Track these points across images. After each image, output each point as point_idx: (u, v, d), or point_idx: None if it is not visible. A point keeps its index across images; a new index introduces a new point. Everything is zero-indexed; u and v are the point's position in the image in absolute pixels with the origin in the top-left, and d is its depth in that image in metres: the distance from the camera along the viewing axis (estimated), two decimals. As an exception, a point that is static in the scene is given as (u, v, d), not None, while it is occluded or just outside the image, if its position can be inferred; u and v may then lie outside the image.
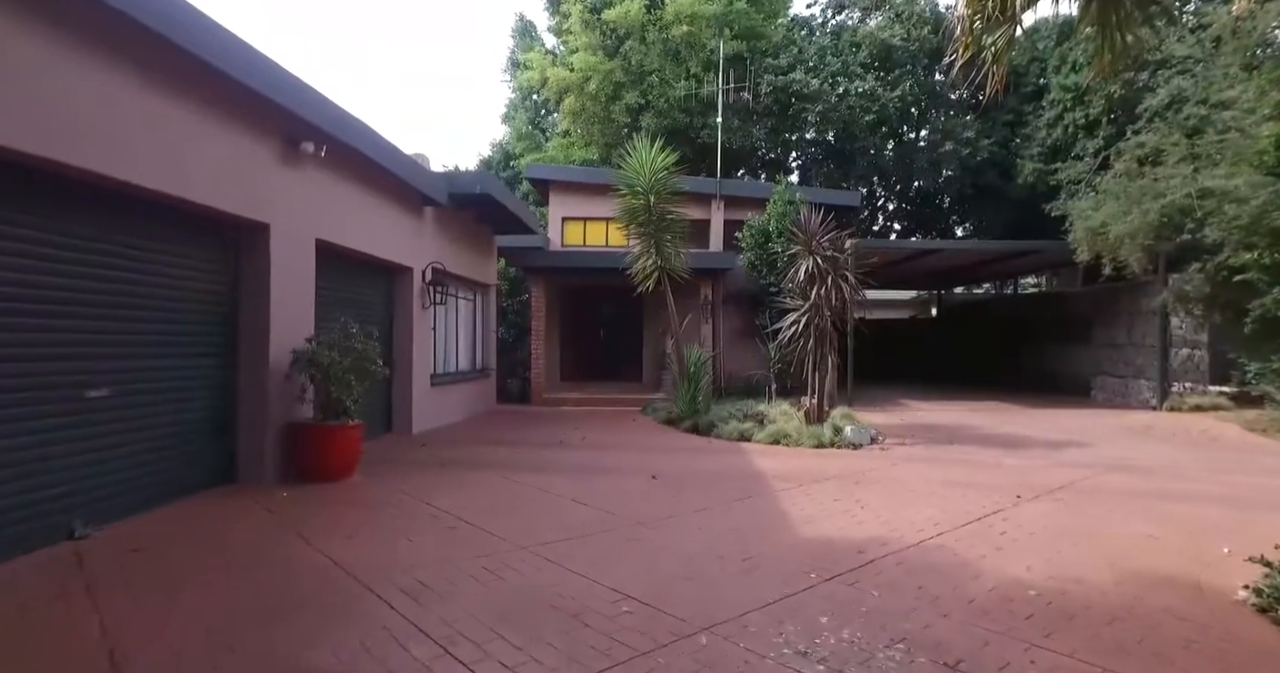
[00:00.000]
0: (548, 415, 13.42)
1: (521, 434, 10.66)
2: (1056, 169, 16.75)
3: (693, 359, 12.15)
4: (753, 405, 13.69)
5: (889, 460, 8.43)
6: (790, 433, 9.94)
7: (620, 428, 11.63)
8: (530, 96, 27.53)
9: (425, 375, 10.63)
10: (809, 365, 10.41)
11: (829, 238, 10.07)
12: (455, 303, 12.67)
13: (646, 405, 14.23)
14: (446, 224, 11.53)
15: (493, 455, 8.58)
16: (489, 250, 14.38)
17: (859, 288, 10.06)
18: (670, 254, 11.75)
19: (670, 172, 11.63)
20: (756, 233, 16.08)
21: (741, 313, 16.99)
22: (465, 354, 13.39)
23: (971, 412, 13.56)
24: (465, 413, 12.65)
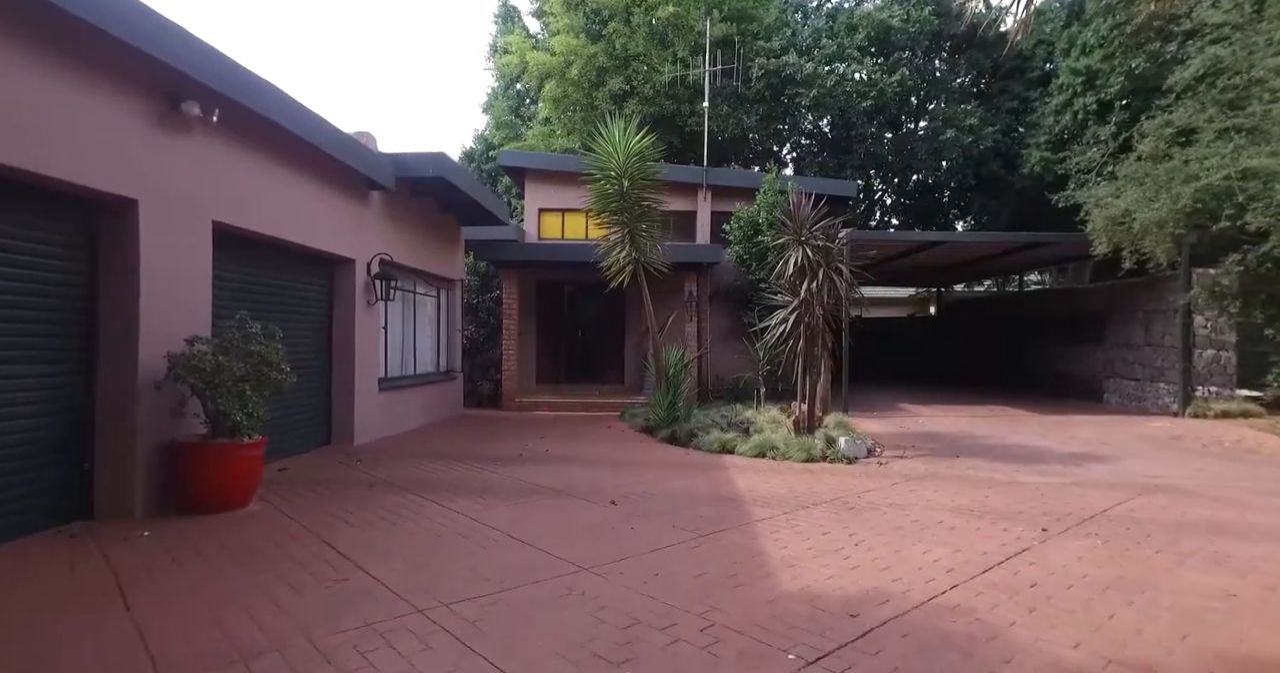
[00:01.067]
0: (516, 422, 12.35)
1: (480, 445, 9.58)
2: (1065, 158, 15.71)
3: (671, 361, 11.08)
4: (740, 411, 12.66)
5: (887, 479, 7.37)
6: (778, 445, 8.88)
7: (592, 437, 10.56)
8: (513, 85, 26.41)
9: (372, 379, 9.54)
10: (799, 368, 9.35)
11: (821, 226, 9.01)
12: (412, 299, 11.58)
13: (625, 410, 13.17)
14: (399, 212, 10.43)
15: (435, 473, 7.49)
16: (454, 243, 13.28)
17: (855, 283, 8.98)
18: (647, 246, 10.67)
19: (647, 155, 10.54)
20: (745, 224, 15.04)
21: (729, 310, 15.93)
22: (426, 355, 12.30)
23: (976, 418, 12.51)
24: (425, 419, 11.57)
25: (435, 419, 12.06)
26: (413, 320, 11.56)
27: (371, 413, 9.45)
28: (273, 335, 5.65)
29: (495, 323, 14.85)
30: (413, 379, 11.33)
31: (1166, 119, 9.81)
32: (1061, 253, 14.31)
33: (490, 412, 13.92)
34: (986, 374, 19.00)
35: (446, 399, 12.81)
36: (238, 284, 6.96)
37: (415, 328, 11.62)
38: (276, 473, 7.14)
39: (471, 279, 15.26)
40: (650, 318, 10.85)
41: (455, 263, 13.30)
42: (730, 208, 15.97)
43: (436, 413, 12.19)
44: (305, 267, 8.42)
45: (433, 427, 11.39)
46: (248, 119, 6.44)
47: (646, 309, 10.85)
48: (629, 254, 10.49)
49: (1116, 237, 10.23)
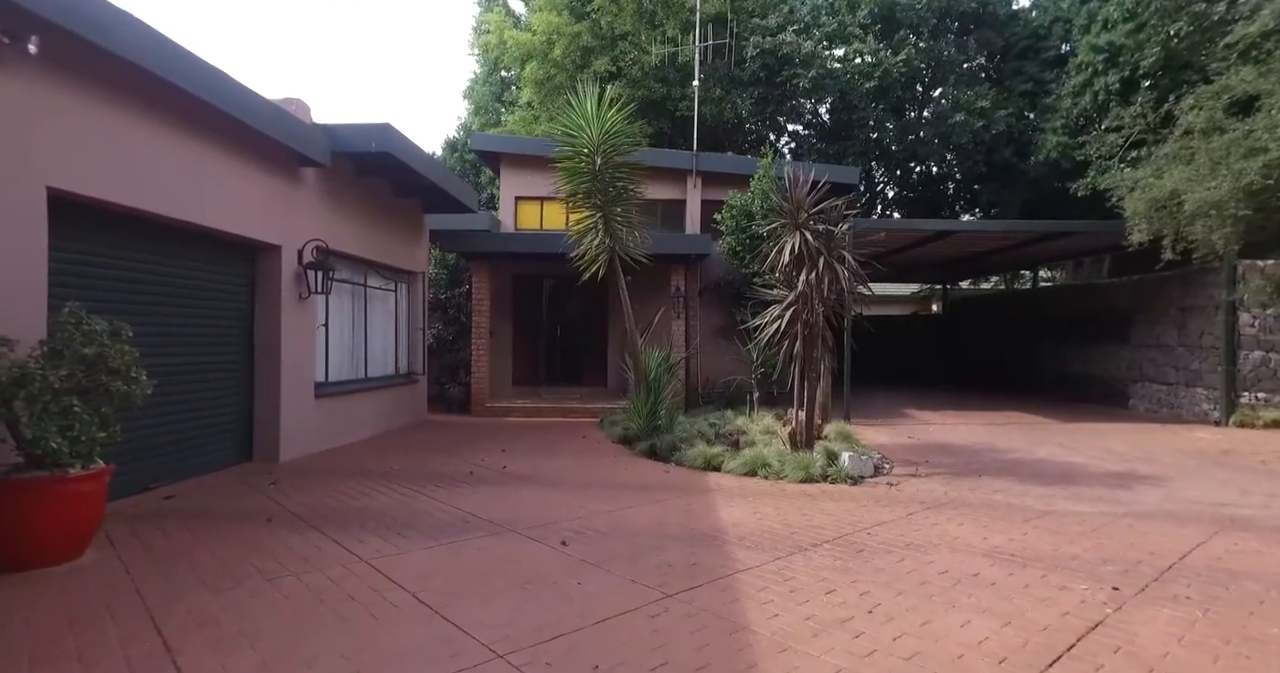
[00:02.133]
0: (483, 430, 11.11)
1: (430, 460, 8.33)
2: (1084, 143, 14.50)
3: (652, 364, 9.84)
4: (730, 418, 11.46)
5: (902, 506, 6.14)
6: (771, 462, 7.66)
7: (562, 449, 9.32)
8: (497, 70, 25.14)
9: (306, 385, 8.29)
10: (796, 372, 8.12)
11: (822, 209, 7.77)
12: (363, 294, 10.33)
13: (604, 417, 11.95)
14: (342, 194, 9.18)
15: (360, 499, 6.24)
16: (416, 231, 12.03)
17: (860, 273, 7.75)
18: (624, 233, 9.42)
19: (624, 129, 9.28)
20: (738, 213, 13.83)
21: (720, 307, 14.71)
22: (382, 356, 11.05)
23: (992, 427, 11.29)
24: (379, 428, 10.33)
25: (392, 428, 10.82)
26: (363, 317, 10.31)
27: (305, 424, 8.21)
28: (119, 334, 4.38)
29: (466, 321, 13.61)
30: (362, 384, 10.08)
31: (1223, 85, 8.58)
32: (1088, 244, 13.02)
33: (458, 418, 12.68)
34: (996, 376, 17.78)
35: (407, 405, 11.57)
36: (102, 271, 5.71)
37: (366, 326, 10.37)
38: (161, 503, 5.90)
39: (439, 273, 14.01)
40: (628, 315, 9.61)
41: (417, 254, 12.05)
42: (722, 196, 14.76)
43: (394, 421, 10.95)
44: (216, 254, 7.17)
45: (386, 437, 10.14)
46: (111, 65, 5.19)
47: (624, 305, 9.61)
48: (603, 242, 9.24)
49: (1159, 222, 9.00)
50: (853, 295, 7.80)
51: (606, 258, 9.32)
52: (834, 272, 7.53)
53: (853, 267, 7.61)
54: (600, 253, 9.27)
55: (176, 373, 6.57)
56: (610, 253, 9.30)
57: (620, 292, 9.50)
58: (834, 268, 7.52)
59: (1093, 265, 17.72)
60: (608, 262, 9.33)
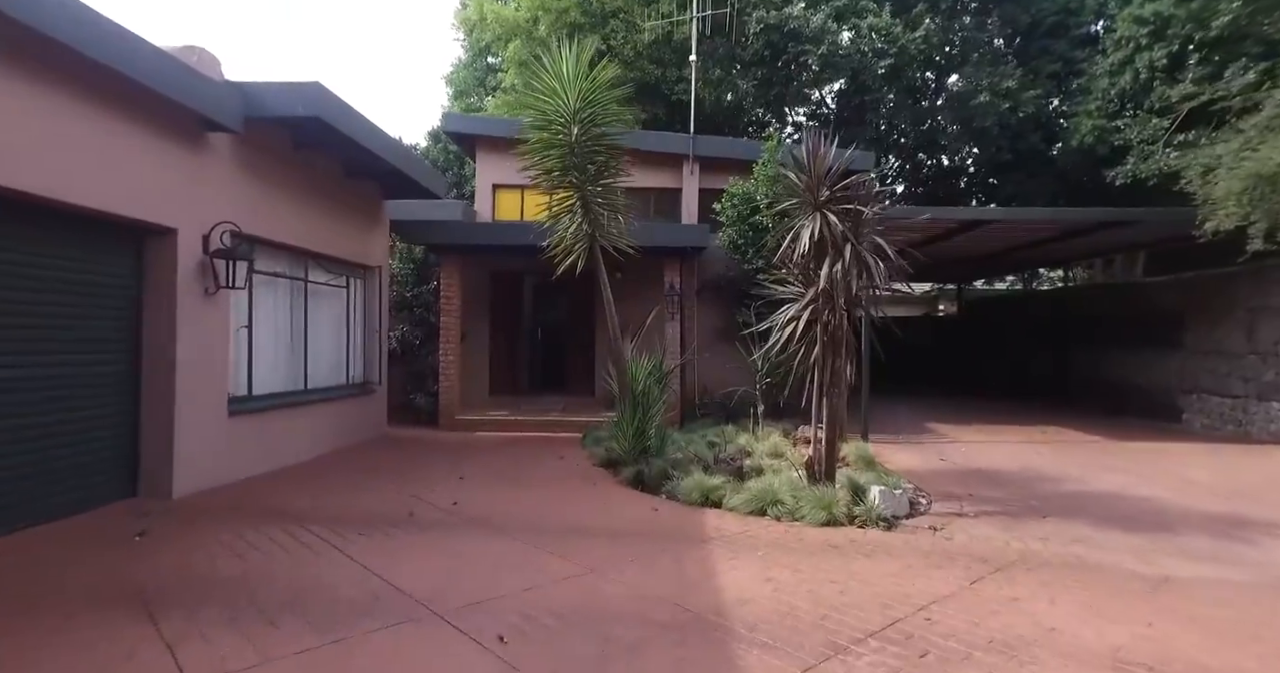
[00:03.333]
0: (446, 448, 9.62)
1: (367, 492, 6.84)
2: (1124, 126, 13.06)
3: (639, 374, 8.35)
4: (731, 434, 10.00)
5: (960, 568, 4.67)
6: (784, 497, 6.19)
7: (532, 475, 7.83)
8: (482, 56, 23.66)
9: (214, 400, 6.79)
10: (813, 385, 6.63)
11: (848, 185, 6.29)
12: (302, 290, 8.83)
13: (588, 432, 10.48)
14: (270, 171, 7.69)
15: (243, 560, 4.71)
16: (374, 220, 10.54)
17: (899, 266, 6.24)
18: (605, 218, 7.94)
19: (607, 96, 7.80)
20: (740, 203, 12.37)
21: (720, 307, 13.23)
22: (329, 363, 9.55)
23: (1032, 445, 9.83)
24: (324, 447, 8.84)
25: (342, 445, 9.32)
26: (303, 318, 8.80)
27: (212, 447, 6.70)
28: None
29: (434, 322, 12.11)
30: (300, 396, 8.57)
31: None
32: (1142, 236, 11.34)
33: (423, 432, 11.18)
34: (1019, 384, 16.32)
35: (361, 419, 10.06)
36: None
37: (308, 328, 8.86)
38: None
39: (403, 268, 12.52)
40: (611, 316, 8.13)
41: (374, 246, 10.56)
42: (722, 185, 13.28)
43: (345, 437, 9.44)
44: (88, 239, 5.68)
45: (330, 459, 8.63)
46: None
47: (606, 304, 8.13)
48: (581, 229, 7.75)
49: (1252, 204, 7.53)
50: (886, 292, 6.28)
51: (586, 248, 7.83)
52: (864, 263, 6.04)
53: (888, 257, 6.11)
54: (578, 242, 7.78)
55: (25, 388, 5.09)
56: (590, 242, 7.81)
57: (602, 288, 8.02)
58: (863, 259, 6.02)
59: (1125, 263, 16.28)
60: (587, 252, 7.84)
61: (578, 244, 7.75)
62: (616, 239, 8.02)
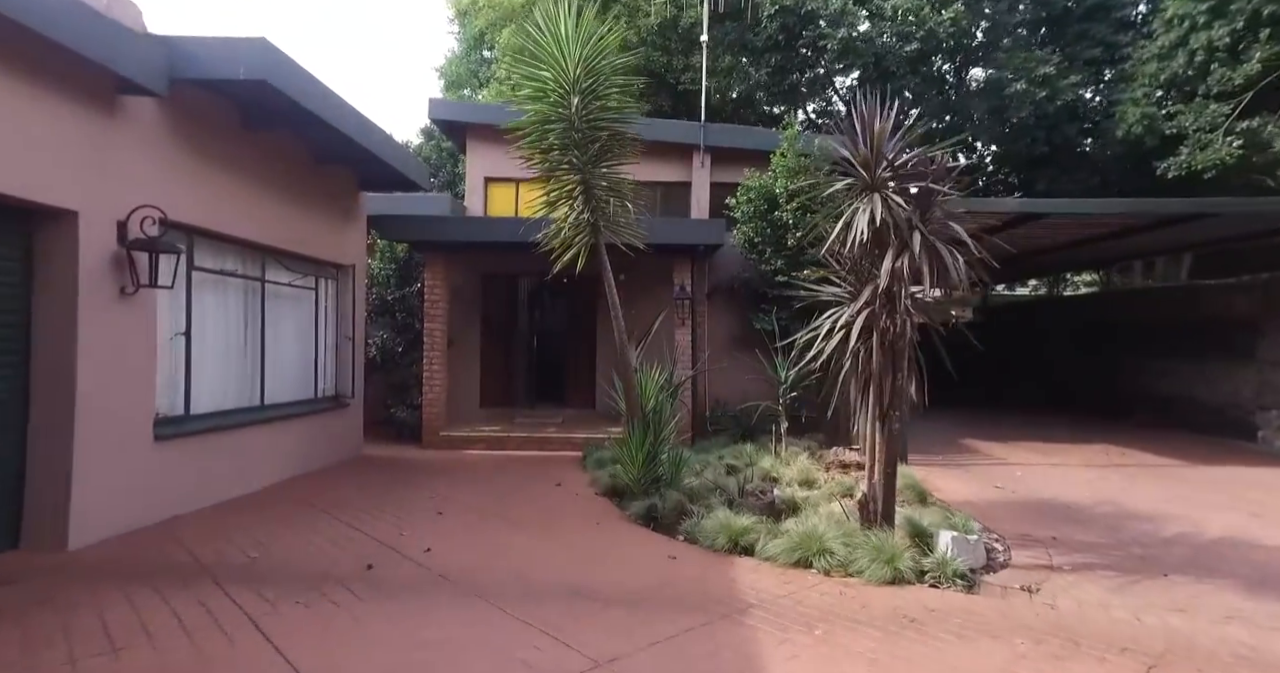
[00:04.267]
0: (428, 472, 8.41)
1: (317, 536, 5.61)
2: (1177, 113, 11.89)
3: (648, 390, 7.14)
4: (751, 454, 8.82)
5: (1097, 664, 3.45)
6: (832, 546, 5.00)
7: (524, 510, 6.60)
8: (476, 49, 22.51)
9: (135, 425, 5.57)
10: (863, 405, 5.42)
11: (914, 158, 5.08)
12: (258, 291, 7.61)
13: (590, 451, 9.30)
14: (214, 150, 6.49)
15: (101, 667, 3.51)
16: (348, 213, 9.34)
17: (981, 259, 5.01)
18: (611, 206, 6.75)
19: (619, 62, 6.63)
20: (757, 197, 11.20)
21: (734, 312, 12.06)
22: (292, 375, 8.34)
23: (1098, 470, 8.62)
24: (284, 473, 7.63)
25: (308, 470, 8.11)
26: (259, 323, 7.59)
27: (133, 482, 5.48)
28: None
29: (420, 328, 10.90)
30: (256, 414, 7.35)
31: None
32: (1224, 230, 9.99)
33: (404, 452, 9.96)
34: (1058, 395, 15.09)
35: (332, 438, 8.84)
36: None
37: (264, 335, 7.65)
38: None
39: (384, 268, 11.32)
40: (618, 321, 6.92)
41: (348, 242, 9.35)
42: (736, 178, 12.12)
43: (312, 460, 8.23)
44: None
45: (289, 487, 7.41)
46: None
47: (611, 307, 6.92)
48: (582, 219, 6.56)
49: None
50: (964, 290, 5.06)
51: (587, 241, 6.63)
52: (936, 256, 4.82)
53: (974, 247, 4.88)
54: (579, 234, 6.59)
55: None
56: (592, 234, 6.61)
57: (607, 289, 6.83)
58: (936, 250, 4.80)
59: (1169, 265, 15.11)
60: (589, 246, 6.65)
61: (578, 237, 6.56)
62: (623, 231, 6.83)
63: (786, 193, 10.93)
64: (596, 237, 6.64)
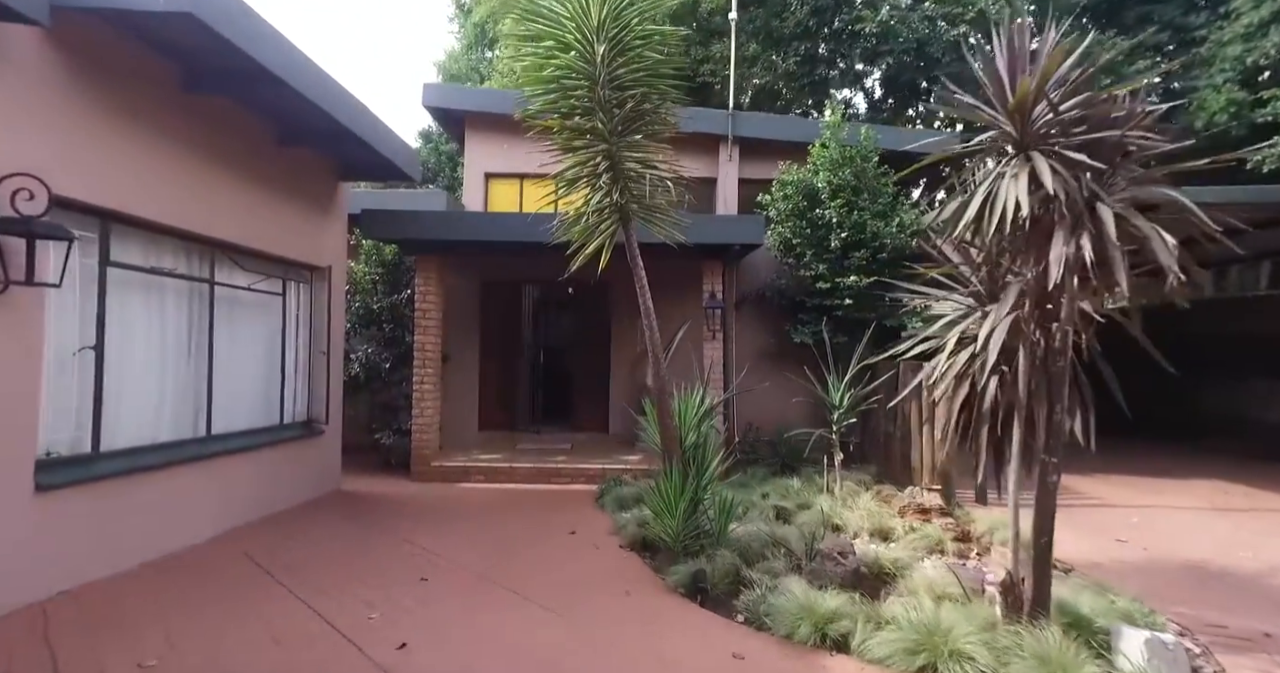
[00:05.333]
0: (413, 515, 6.95)
1: (252, 621, 4.14)
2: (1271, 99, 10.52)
3: (687, 418, 5.68)
4: (799, 492, 7.41)
5: None
6: (967, 647, 3.53)
7: (533, 574, 5.13)
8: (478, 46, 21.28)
9: (7, 470, 4.11)
10: (999, 445, 3.96)
11: (1087, 100, 3.62)
12: (207, 295, 6.19)
13: (606, 487, 7.90)
14: (137, 114, 5.09)
15: None
16: (324, 206, 7.95)
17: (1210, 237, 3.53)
18: (643, 185, 5.32)
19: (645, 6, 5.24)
20: (795, 192, 9.86)
21: (766, 323, 10.68)
22: (252, 397, 6.90)
23: (1223, 515, 7.15)
24: (232, 520, 6.18)
25: (266, 514, 6.65)
26: (207, 335, 6.15)
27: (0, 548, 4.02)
28: None
29: (409, 342, 9.46)
30: (197, 448, 5.90)
31: None
32: None
33: (390, 485, 8.50)
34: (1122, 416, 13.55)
35: (299, 472, 7.39)
36: None
37: (213, 349, 6.21)
38: None
39: (370, 272, 9.90)
40: (651, 329, 5.48)
41: (326, 239, 7.95)
42: (768, 173, 10.78)
43: (272, 502, 6.78)
44: None
45: (237, 539, 5.95)
46: None
47: (644, 314, 5.47)
48: (609, 201, 5.13)
49: None
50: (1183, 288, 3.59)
51: (613, 231, 5.20)
52: (1137, 240, 3.35)
53: (1204, 222, 3.40)
54: (605, 222, 5.16)
55: None
56: (620, 220, 5.19)
57: (639, 290, 5.38)
58: (1138, 231, 3.33)
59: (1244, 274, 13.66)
60: (613, 238, 5.22)
61: (604, 224, 5.12)
62: (657, 219, 5.41)
63: (830, 187, 9.56)
64: (625, 225, 5.21)
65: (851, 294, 9.41)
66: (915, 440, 8.17)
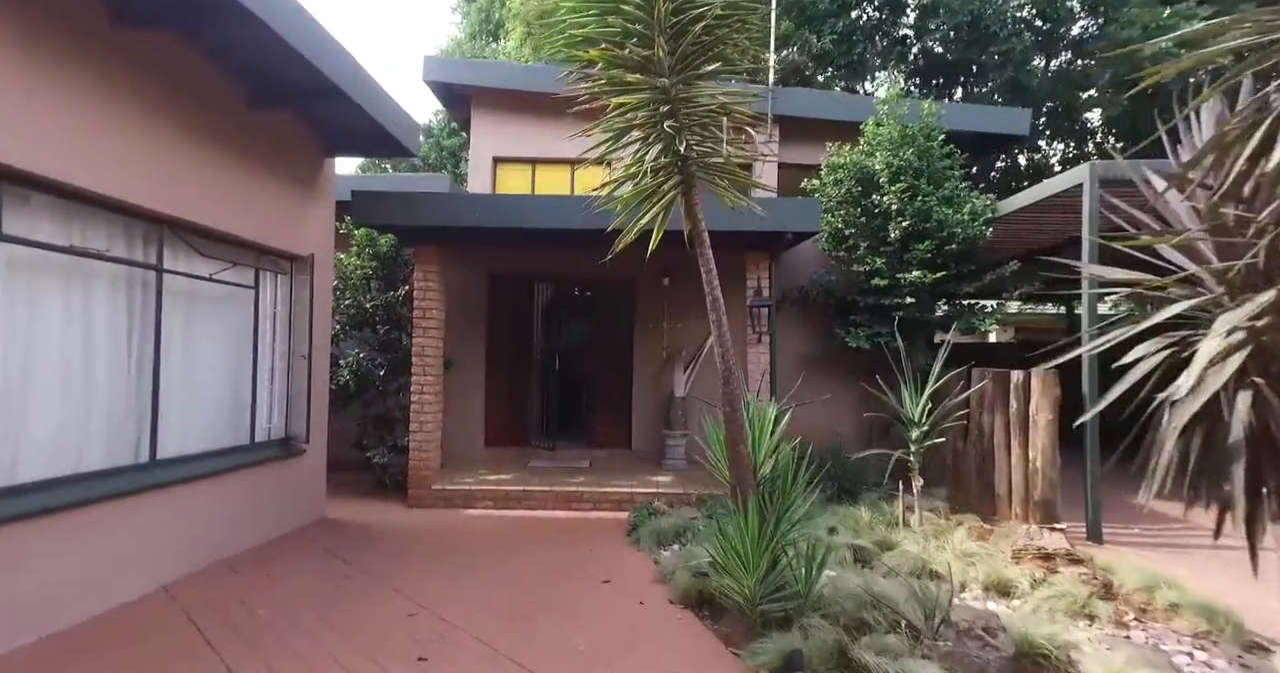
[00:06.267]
0: (407, 555, 5.69)
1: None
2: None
3: (761, 441, 4.44)
4: (871, 525, 6.19)
5: None
6: None
7: (561, 648, 3.87)
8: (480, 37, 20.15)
9: None
10: (1247, 484, 2.69)
11: None
12: (153, 286, 4.95)
13: (639, 516, 6.68)
14: (27, 37, 3.86)
15: None
16: (306, 184, 6.72)
17: None
18: (708, 139, 4.09)
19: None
20: (848, 176, 8.69)
21: (810, 324, 9.54)
22: (214, 412, 5.65)
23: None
24: (182, 567, 4.95)
25: (233, 552, 5.42)
26: (153, 335, 4.91)
27: None
28: None
29: (407, 346, 8.22)
30: (137, 478, 4.66)
31: None
32: None
33: (384, 511, 7.25)
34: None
35: (274, 501, 6.13)
36: None
37: (159, 352, 4.97)
38: None
39: (363, 265, 8.66)
40: (721, 328, 4.23)
41: (308, 224, 6.72)
42: (812, 158, 9.63)
43: (241, 537, 5.54)
44: None
45: (188, 591, 4.70)
46: None
47: (710, 304, 4.22)
48: (669, 153, 3.90)
49: None
50: None
51: (674, 195, 3.97)
52: None
53: None
54: (666, 181, 3.93)
55: None
56: (682, 182, 3.96)
57: (704, 272, 4.16)
58: None
59: None
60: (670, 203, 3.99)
61: (668, 184, 3.89)
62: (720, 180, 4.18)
63: (890, 170, 8.34)
64: (687, 189, 3.98)
65: (913, 292, 8.22)
66: (1000, 462, 6.93)
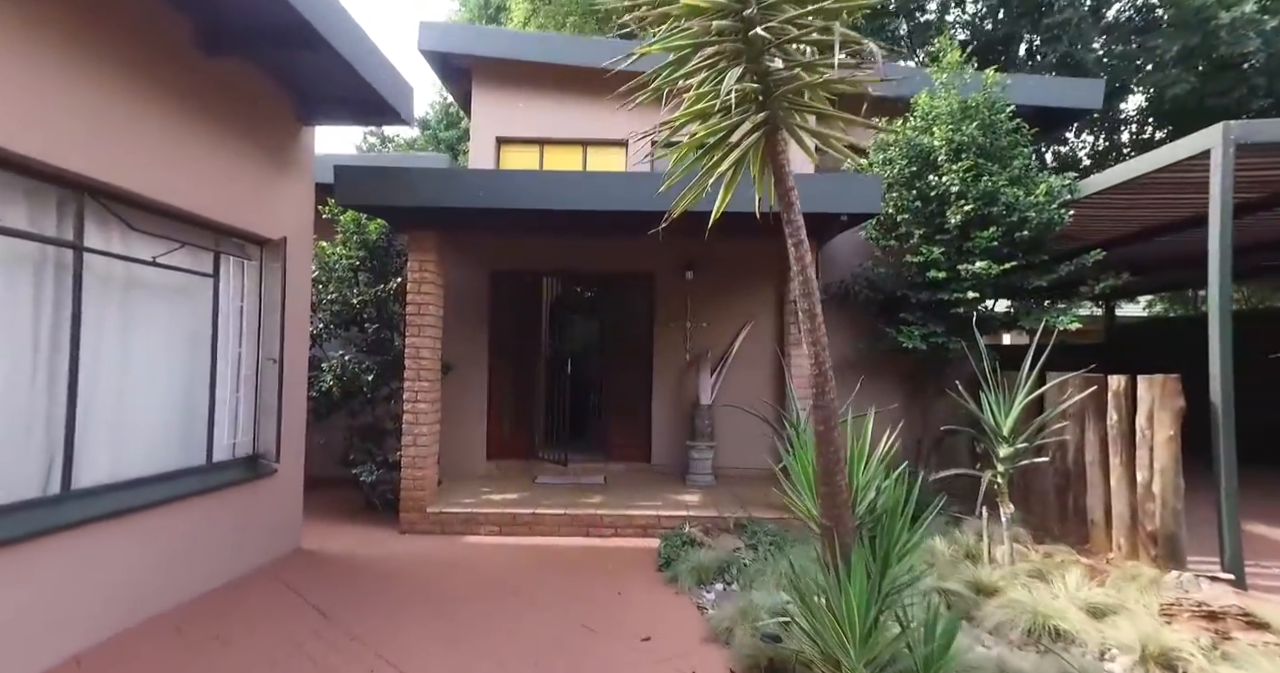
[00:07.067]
0: (394, 599, 4.63)
1: None
2: None
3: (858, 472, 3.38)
4: (957, 562, 5.15)
5: None
6: None
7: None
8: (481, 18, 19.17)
9: None
10: None
11: None
12: (69, 270, 3.88)
13: (670, 542, 5.63)
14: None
15: None
16: (279, 154, 5.67)
17: None
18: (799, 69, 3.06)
19: None
20: (905, 154, 7.69)
21: (848, 323, 8.54)
22: (160, 429, 4.59)
23: None
24: (112, 625, 3.91)
25: (183, 600, 4.35)
26: (67, 330, 3.85)
27: None
28: None
29: (400, 347, 7.16)
30: (38, 518, 3.60)
31: None
32: None
33: (371, 539, 6.19)
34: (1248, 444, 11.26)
35: (236, 532, 5.07)
36: None
37: (79, 355, 3.91)
38: None
39: (350, 255, 7.59)
40: (813, 317, 3.18)
41: (279, 202, 5.66)
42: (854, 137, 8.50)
43: (194, 580, 4.50)
44: None
45: (112, 658, 3.63)
46: None
47: (800, 289, 3.18)
48: (753, 75, 2.87)
49: None
50: None
51: (757, 138, 2.94)
52: None
53: None
54: (744, 118, 2.89)
55: None
56: (767, 120, 2.92)
57: (792, 244, 3.12)
58: None
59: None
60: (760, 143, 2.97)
61: (744, 123, 2.86)
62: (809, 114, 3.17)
63: (950, 148, 7.32)
64: (772, 130, 2.96)
65: (975, 285, 7.19)
66: (1094, 482, 5.90)
